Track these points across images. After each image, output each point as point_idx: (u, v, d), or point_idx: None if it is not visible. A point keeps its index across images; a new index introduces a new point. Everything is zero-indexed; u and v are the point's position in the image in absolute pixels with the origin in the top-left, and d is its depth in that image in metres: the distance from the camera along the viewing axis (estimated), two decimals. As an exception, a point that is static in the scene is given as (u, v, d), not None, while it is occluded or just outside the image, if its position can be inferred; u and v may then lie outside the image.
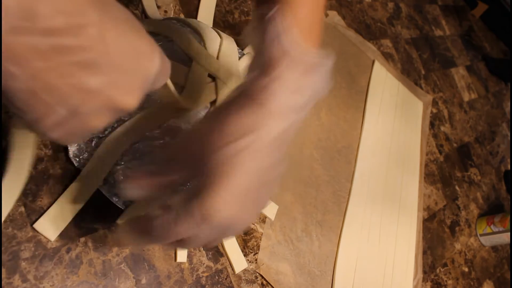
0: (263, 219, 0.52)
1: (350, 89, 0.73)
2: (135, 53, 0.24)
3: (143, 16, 0.51)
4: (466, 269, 0.79)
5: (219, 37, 0.46)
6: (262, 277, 0.49)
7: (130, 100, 0.24)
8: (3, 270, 0.34)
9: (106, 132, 0.39)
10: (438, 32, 1.06)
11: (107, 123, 0.25)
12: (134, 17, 0.25)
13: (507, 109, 1.17)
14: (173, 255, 0.44)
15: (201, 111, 0.42)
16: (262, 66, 0.30)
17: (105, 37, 0.22)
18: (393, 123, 0.77)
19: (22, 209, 0.36)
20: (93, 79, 0.22)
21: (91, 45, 0.22)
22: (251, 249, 0.49)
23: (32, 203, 0.37)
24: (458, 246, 0.79)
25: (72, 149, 0.40)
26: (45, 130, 0.23)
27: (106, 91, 0.23)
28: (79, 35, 0.21)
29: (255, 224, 0.51)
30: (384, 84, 0.79)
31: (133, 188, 0.30)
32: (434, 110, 0.90)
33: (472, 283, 0.79)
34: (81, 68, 0.22)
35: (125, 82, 0.24)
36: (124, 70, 0.23)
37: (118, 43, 0.23)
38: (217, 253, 0.47)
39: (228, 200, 0.28)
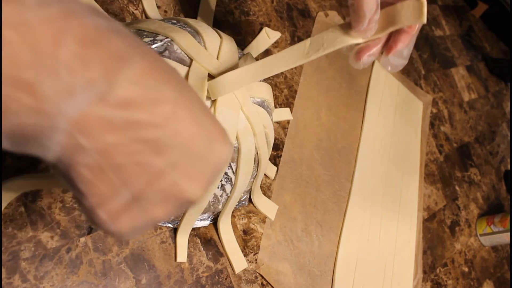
0: (263, 219, 0.52)
1: (350, 89, 0.73)
2: (207, 137, 0.22)
3: (143, 16, 0.51)
4: (466, 269, 0.79)
5: (219, 37, 0.45)
6: (262, 277, 0.49)
7: (197, 189, 0.22)
8: (3, 270, 0.34)
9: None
10: (438, 32, 1.06)
11: (169, 216, 0.23)
12: (201, 99, 0.23)
13: (507, 109, 1.17)
14: (173, 255, 0.44)
15: None
16: None
17: (177, 116, 0.20)
18: (393, 123, 0.77)
19: (22, 209, 0.36)
20: (161, 160, 0.20)
21: (163, 123, 0.20)
22: (251, 249, 0.49)
23: (32, 203, 0.37)
24: (458, 246, 0.79)
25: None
26: (107, 218, 0.21)
27: (173, 175, 0.21)
28: (153, 111, 0.20)
29: (255, 224, 0.51)
30: (384, 84, 0.79)
31: None
32: (434, 110, 0.90)
33: (472, 283, 0.79)
34: (150, 146, 0.20)
35: (193, 168, 0.22)
36: (194, 154, 0.21)
37: (190, 124, 0.21)
38: (217, 253, 0.47)
39: None
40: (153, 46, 0.41)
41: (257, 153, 0.46)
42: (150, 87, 0.20)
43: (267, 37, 0.62)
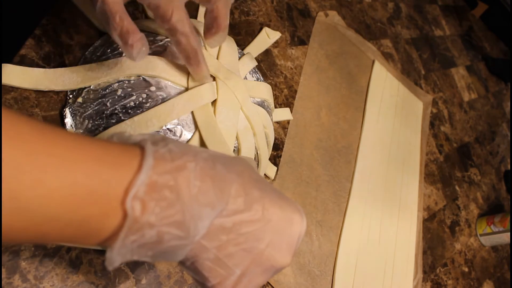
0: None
1: (350, 89, 0.73)
2: (287, 217, 0.29)
3: (143, 16, 0.51)
4: (466, 269, 0.79)
5: (219, 37, 0.45)
6: (262, 277, 0.49)
7: (287, 257, 0.29)
8: (3, 270, 0.34)
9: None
10: (438, 32, 1.06)
11: (267, 281, 0.30)
12: (275, 187, 0.30)
13: (507, 109, 1.17)
14: (173, 255, 0.43)
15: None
16: None
17: (266, 208, 0.27)
18: (393, 123, 0.77)
19: (22, 209, 0.36)
20: (260, 244, 0.27)
21: (258, 217, 0.27)
22: (251, 249, 0.49)
23: (32, 203, 0.37)
24: (458, 246, 0.79)
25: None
26: None
27: (269, 251, 0.28)
28: (250, 211, 0.27)
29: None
30: (384, 84, 0.79)
31: None
32: (434, 110, 0.90)
33: (472, 283, 0.79)
34: (252, 236, 0.27)
35: (282, 242, 0.29)
36: (281, 232, 0.28)
37: (275, 211, 0.28)
38: (217, 253, 0.47)
39: None
40: (153, 46, 0.41)
41: (257, 153, 0.46)
42: (246, 195, 0.27)
43: (267, 37, 0.62)
